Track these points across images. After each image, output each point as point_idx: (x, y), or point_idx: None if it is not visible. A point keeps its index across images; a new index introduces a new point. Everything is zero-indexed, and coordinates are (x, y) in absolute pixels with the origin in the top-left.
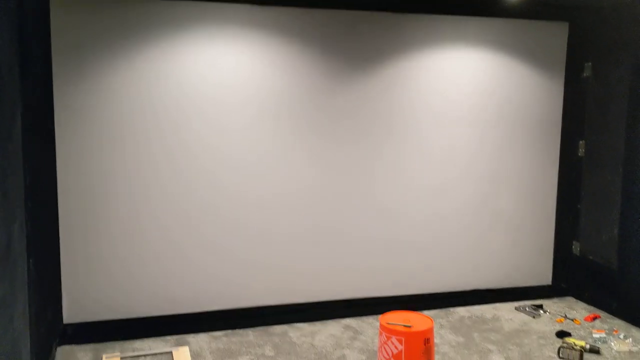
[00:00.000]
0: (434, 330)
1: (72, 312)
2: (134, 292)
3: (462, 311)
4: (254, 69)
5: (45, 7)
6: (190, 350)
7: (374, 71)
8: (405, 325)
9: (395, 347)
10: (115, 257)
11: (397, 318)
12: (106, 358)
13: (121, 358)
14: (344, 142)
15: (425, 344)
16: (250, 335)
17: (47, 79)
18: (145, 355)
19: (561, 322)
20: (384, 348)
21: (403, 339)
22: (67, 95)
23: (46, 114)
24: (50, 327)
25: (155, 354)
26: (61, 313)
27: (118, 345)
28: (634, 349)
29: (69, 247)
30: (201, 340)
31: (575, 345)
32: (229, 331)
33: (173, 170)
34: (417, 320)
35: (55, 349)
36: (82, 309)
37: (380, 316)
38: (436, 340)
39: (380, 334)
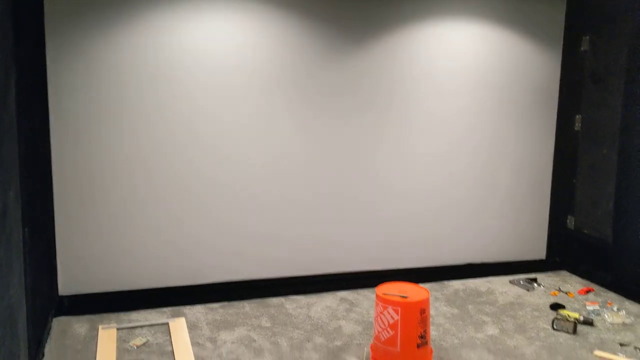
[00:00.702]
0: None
1: (67, 283)
2: (130, 264)
3: (457, 284)
4: (250, 38)
5: None
6: (187, 322)
7: (371, 43)
8: (401, 296)
9: (392, 317)
10: (111, 229)
11: (393, 289)
12: (102, 329)
13: (117, 329)
14: (340, 114)
15: (421, 314)
16: (246, 307)
17: (41, 46)
18: (141, 326)
19: (555, 295)
20: (380, 318)
21: (399, 309)
22: (61, 63)
23: (41, 82)
24: (46, 298)
25: (152, 325)
26: (57, 284)
27: (114, 316)
28: (627, 320)
29: (64, 219)
30: (197, 311)
31: (569, 317)
32: (225, 303)
33: (170, 140)
34: (413, 291)
35: (52, 320)
36: (77, 280)
37: (376, 287)
38: (431, 312)
39: (377, 304)
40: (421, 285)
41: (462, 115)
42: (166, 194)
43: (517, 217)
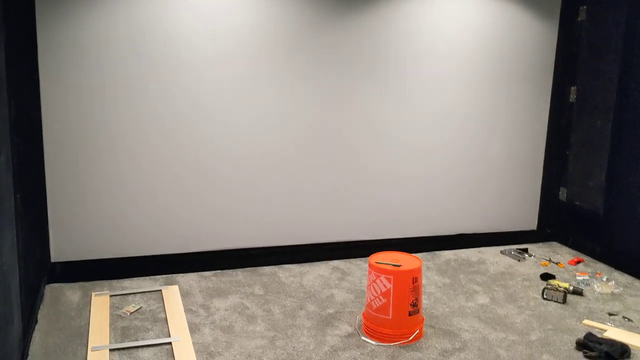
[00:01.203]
0: (421, 271)
1: (60, 250)
2: (123, 232)
3: (448, 254)
4: (237, 5)
5: None
6: (180, 289)
7: (364, 7)
8: (394, 265)
9: (384, 286)
10: (103, 196)
11: (386, 257)
12: (95, 296)
13: (110, 296)
14: (333, 80)
15: (413, 283)
16: (239, 275)
17: (31, 10)
18: (134, 294)
19: (546, 265)
20: (373, 286)
21: (392, 278)
22: (51, 29)
23: (31, 47)
24: (39, 264)
25: (145, 292)
26: (49, 251)
27: (107, 283)
28: (616, 290)
29: (56, 185)
30: (190, 279)
31: (559, 286)
32: (218, 271)
33: (165, 104)
34: (406, 260)
35: (44, 287)
36: (70, 247)
37: (369, 257)
38: (423, 281)
39: (370, 272)
40: (414, 255)
41: (455, 83)
42: (162, 161)
43: (509, 188)
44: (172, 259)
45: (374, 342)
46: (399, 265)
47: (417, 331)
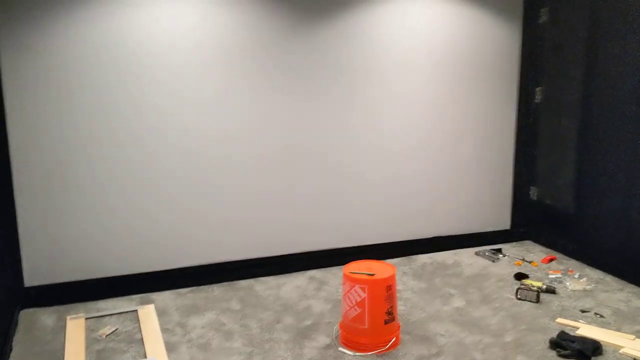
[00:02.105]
0: (397, 277)
1: (33, 274)
2: (96, 252)
3: (424, 258)
4: (206, 15)
5: None
6: (156, 308)
7: (329, 21)
8: (367, 274)
9: (359, 295)
10: (74, 218)
11: (360, 267)
12: (70, 319)
13: (86, 319)
14: (303, 90)
15: (387, 291)
16: (215, 290)
17: None
18: (110, 315)
19: (519, 264)
20: (348, 297)
21: (366, 287)
22: (14, 47)
23: None
24: (11, 290)
25: (121, 313)
26: (22, 276)
27: (82, 306)
28: (588, 287)
29: (26, 210)
30: (166, 297)
31: (533, 286)
32: (194, 287)
33: (128, 125)
34: (380, 268)
35: (18, 313)
36: (43, 271)
37: (344, 266)
38: (399, 287)
39: (344, 283)
40: (389, 260)
41: (423, 89)
42: (127, 179)
43: (481, 189)
44: (147, 277)
45: (351, 353)
46: (372, 275)
47: (394, 339)
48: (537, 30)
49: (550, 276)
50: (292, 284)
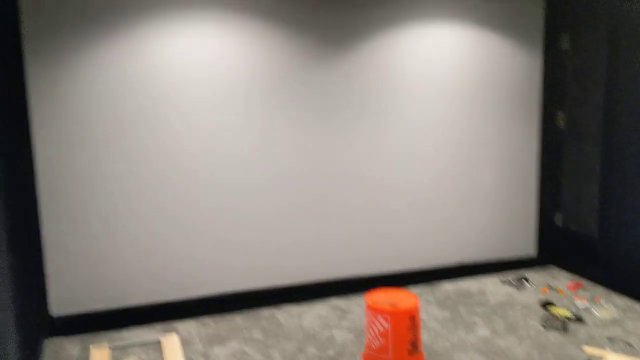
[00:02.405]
0: (420, 306)
1: (59, 304)
2: (120, 282)
3: (447, 286)
4: (226, 48)
5: None
6: (179, 337)
7: (348, 50)
8: (390, 304)
9: (382, 326)
10: (98, 248)
11: (382, 297)
12: (94, 349)
13: (110, 348)
14: (321, 122)
15: (411, 321)
16: (238, 319)
17: (20, 68)
18: (133, 345)
19: (545, 292)
20: (371, 327)
21: (389, 317)
22: (42, 82)
23: (22, 103)
24: (38, 320)
25: (144, 343)
26: (48, 306)
27: (106, 335)
28: (616, 315)
29: (53, 240)
30: (190, 326)
31: (559, 314)
32: (217, 316)
33: (148, 160)
34: (402, 298)
35: (44, 342)
36: (69, 300)
37: (366, 295)
38: (423, 315)
39: (367, 313)
40: (412, 288)
41: (447, 117)
42: (149, 211)
43: (505, 215)
44: (170, 306)
45: None
46: (395, 305)
47: None
48: (558, 56)
49: (578, 304)
50: (315, 312)
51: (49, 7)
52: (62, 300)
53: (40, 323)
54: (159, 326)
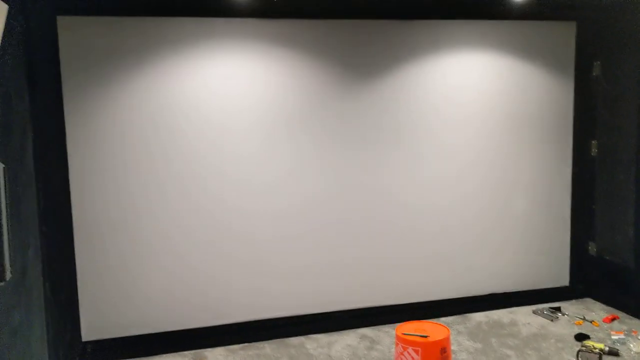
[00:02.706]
0: (452, 337)
1: (90, 330)
2: (150, 308)
3: (479, 316)
4: (258, 79)
5: (53, 30)
6: None
7: (379, 79)
8: (421, 336)
9: (412, 358)
10: (129, 275)
11: (412, 328)
12: None
13: None
14: (351, 149)
15: (442, 354)
16: (266, 347)
17: (58, 102)
18: None
19: (580, 324)
20: (401, 359)
21: (420, 350)
22: (77, 113)
23: (58, 137)
24: (69, 346)
25: None
26: (79, 331)
27: None
28: None
29: (85, 268)
30: (218, 354)
31: (594, 348)
32: (246, 344)
33: (179, 188)
34: (433, 329)
35: None
36: (100, 326)
37: (396, 327)
38: (454, 347)
39: (397, 344)
40: (443, 318)
41: (478, 145)
42: (178, 235)
43: (537, 244)
44: (200, 332)
45: None
46: (426, 336)
47: None
48: (590, 83)
49: (613, 337)
50: (343, 342)
51: (85, 46)
52: (93, 326)
53: (72, 349)
54: (188, 353)
